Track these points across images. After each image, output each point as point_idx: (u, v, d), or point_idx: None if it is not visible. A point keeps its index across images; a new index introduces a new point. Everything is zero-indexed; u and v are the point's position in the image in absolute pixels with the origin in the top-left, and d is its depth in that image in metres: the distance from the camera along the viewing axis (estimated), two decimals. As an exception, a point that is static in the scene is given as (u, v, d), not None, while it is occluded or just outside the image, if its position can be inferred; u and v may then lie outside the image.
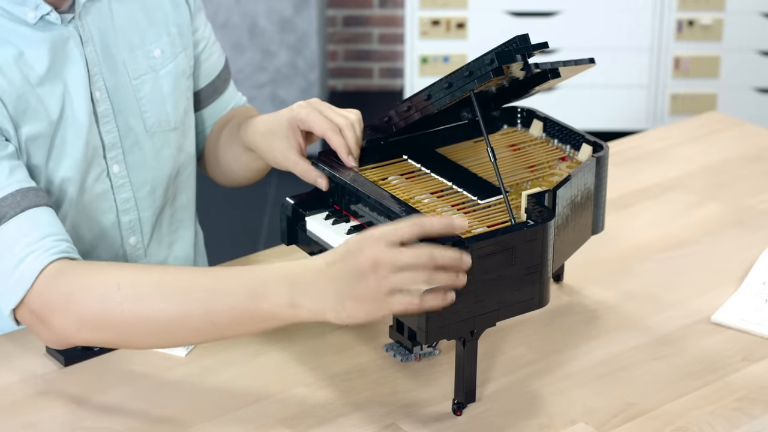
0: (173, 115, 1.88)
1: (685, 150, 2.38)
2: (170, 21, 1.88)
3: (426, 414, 1.61)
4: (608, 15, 4.37)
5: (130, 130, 1.84)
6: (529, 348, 1.75)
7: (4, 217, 1.59)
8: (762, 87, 4.46)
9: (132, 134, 1.84)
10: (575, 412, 1.61)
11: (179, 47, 1.89)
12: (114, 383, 1.67)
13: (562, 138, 1.84)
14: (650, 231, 2.08)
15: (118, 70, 1.81)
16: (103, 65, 1.79)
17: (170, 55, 1.87)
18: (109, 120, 1.81)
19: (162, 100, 1.86)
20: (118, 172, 1.84)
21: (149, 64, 1.84)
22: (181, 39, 1.89)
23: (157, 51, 1.85)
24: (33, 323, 1.58)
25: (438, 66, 4.43)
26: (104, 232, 1.84)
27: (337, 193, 1.72)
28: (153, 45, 1.85)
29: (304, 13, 4.35)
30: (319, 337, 1.77)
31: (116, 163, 1.83)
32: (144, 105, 1.84)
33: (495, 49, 1.61)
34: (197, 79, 1.96)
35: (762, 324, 1.79)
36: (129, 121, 1.84)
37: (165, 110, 1.87)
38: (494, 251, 1.52)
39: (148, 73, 1.84)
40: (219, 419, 1.60)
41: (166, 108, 1.87)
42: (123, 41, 1.82)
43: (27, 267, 1.56)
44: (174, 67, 1.87)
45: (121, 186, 1.85)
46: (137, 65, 1.83)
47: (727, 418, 1.60)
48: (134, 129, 1.84)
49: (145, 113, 1.85)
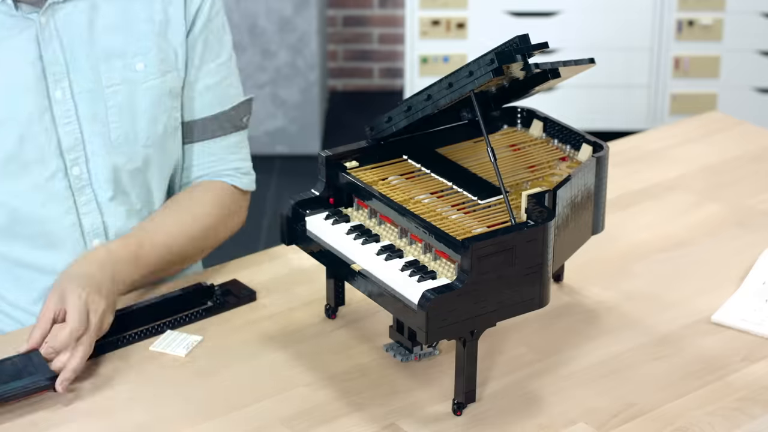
0: (146, 131, 1.85)
1: (685, 150, 2.38)
2: (165, 36, 1.84)
3: (426, 414, 1.61)
4: (608, 15, 4.37)
5: (95, 135, 1.82)
6: (529, 348, 1.75)
7: None
8: (762, 87, 4.46)
9: (97, 140, 1.82)
10: (575, 412, 1.61)
11: (170, 66, 1.85)
12: (114, 383, 1.67)
13: (562, 138, 1.84)
14: (650, 231, 2.08)
15: (89, 73, 1.79)
16: (70, 66, 1.78)
17: (156, 72, 1.83)
18: (70, 121, 1.80)
19: (134, 114, 1.83)
20: (79, 174, 1.83)
21: (126, 75, 1.81)
22: (175, 59, 1.85)
23: (140, 64, 1.82)
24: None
25: (438, 66, 4.43)
26: (61, 231, 1.84)
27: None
28: (137, 57, 1.82)
29: (304, 13, 4.35)
30: (319, 337, 1.77)
31: (77, 165, 1.82)
32: (112, 115, 1.82)
33: (495, 49, 1.61)
34: (190, 104, 1.90)
35: (762, 324, 1.79)
36: (94, 127, 1.81)
37: (135, 125, 1.83)
38: (494, 251, 1.52)
39: (123, 84, 1.81)
40: (219, 419, 1.60)
41: (137, 123, 1.83)
42: (100, 46, 1.79)
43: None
44: (160, 84, 1.84)
45: (82, 188, 1.84)
46: (112, 74, 1.81)
47: (727, 418, 1.60)
48: (100, 136, 1.82)
49: (113, 123, 1.82)
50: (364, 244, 1.65)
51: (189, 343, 1.74)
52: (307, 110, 4.47)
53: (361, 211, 1.73)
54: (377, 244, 1.65)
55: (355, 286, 1.64)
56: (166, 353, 1.73)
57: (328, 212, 1.73)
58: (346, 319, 1.81)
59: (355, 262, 1.64)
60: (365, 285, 1.61)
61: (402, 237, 1.65)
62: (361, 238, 1.66)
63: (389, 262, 1.61)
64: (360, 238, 1.67)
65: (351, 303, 1.82)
